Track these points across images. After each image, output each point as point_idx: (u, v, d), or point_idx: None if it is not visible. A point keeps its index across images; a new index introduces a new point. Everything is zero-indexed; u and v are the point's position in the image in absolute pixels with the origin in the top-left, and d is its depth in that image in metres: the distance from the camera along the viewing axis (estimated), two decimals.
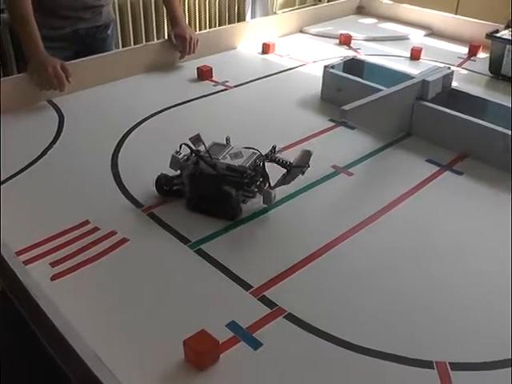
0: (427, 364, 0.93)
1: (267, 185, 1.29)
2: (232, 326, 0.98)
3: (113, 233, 1.21)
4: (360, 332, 0.99)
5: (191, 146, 1.25)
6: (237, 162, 1.24)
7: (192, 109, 1.83)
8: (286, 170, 1.28)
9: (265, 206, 1.30)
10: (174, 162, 1.27)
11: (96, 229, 1.22)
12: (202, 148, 1.25)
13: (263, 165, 1.28)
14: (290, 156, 1.30)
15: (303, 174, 1.29)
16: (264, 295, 1.05)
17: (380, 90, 1.60)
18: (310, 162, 1.29)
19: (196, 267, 1.13)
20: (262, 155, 1.28)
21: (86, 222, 1.24)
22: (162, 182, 1.32)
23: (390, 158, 1.56)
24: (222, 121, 1.74)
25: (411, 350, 0.96)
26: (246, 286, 1.07)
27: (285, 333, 0.98)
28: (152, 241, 1.21)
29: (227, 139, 1.31)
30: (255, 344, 0.95)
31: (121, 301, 1.05)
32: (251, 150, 1.29)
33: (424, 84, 1.64)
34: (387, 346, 0.96)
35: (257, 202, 1.29)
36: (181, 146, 1.27)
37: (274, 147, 1.30)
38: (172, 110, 1.80)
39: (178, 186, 1.31)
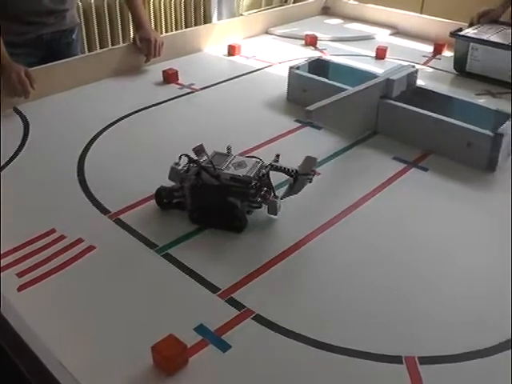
0: (396, 359, 0.94)
1: (272, 194, 1.26)
2: (200, 329, 0.98)
3: (79, 240, 1.20)
4: (328, 330, 1.00)
5: (193, 156, 1.23)
6: (241, 172, 1.21)
7: (158, 113, 1.82)
8: (292, 179, 1.26)
9: (271, 215, 1.28)
10: (174, 174, 1.25)
11: (63, 237, 1.21)
12: (204, 158, 1.23)
13: (268, 174, 1.25)
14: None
15: (311, 181, 1.27)
16: (232, 297, 1.05)
17: (345, 90, 1.61)
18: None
19: (163, 272, 1.12)
20: (266, 164, 1.26)
21: (53, 231, 1.23)
22: (163, 195, 1.28)
23: (357, 156, 1.57)
24: (189, 124, 1.74)
25: (380, 345, 0.97)
26: (213, 288, 1.07)
27: (253, 334, 0.98)
28: (119, 247, 1.20)
29: (228, 148, 1.29)
30: (224, 346, 0.95)
31: (88, 308, 1.04)
32: (254, 158, 1.27)
33: (388, 83, 1.66)
34: (356, 342, 0.97)
35: (260, 211, 1.28)
36: (180, 157, 1.25)
37: (277, 156, 1.28)
38: (138, 115, 1.79)
39: (179, 199, 1.27)
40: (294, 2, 3.72)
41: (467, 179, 1.46)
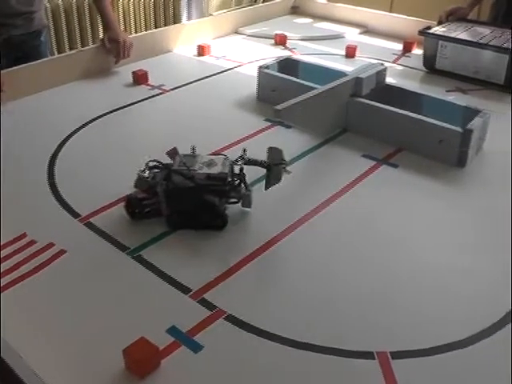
0: (368, 355, 0.95)
1: (245, 188, 1.27)
2: (172, 330, 0.97)
3: (51, 245, 1.19)
4: (300, 328, 1.00)
5: (160, 160, 1.23)
6: (215, 170, 1.21)
7: (128, 114, 1.82)
8: (266, 170, 1.26)
9: (245, 208, 1.29)
10: (141, 182, 1.22)
11: (33, 242, 1.20)
12: (177, 161, 1.23)
13: (241, 169, 1.26)
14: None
15: (286, 170, 1.27)
16: (203, 298, 1.05)
17: (314, 89, 1.61)
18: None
19: (135, 274, 1.12)
20: (235, 160, 1.26)
21: (23, 236, 1.21)
22: (134, 206, 1.25)
23: (327, 154, 1.58)
24: (159, 125, 1.74)
25: (352, 342, 0.97)
26: (185, 289, 1.07)
27: (225, 334, 0.98)
28: (90, 250, 1.19)
29: (193, 149, 1.28)
30: (196, 347, 0.94)
31: (59, 313, 1.03)
32: (220, 156, 1.27)
33: (358, 81, 1.67)
34: (328, 340, 0.97)
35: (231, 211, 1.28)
36: (147, 164, 1.23)
37: (244, 150, 1.28)
38: (108, 117, 1.78)
39: (150, 207, 1.25)
40: (263, 2, 3.72)
41: (438, 175, 1.48)
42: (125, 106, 1.85)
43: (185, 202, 1.22)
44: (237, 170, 1.26)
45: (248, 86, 1.94)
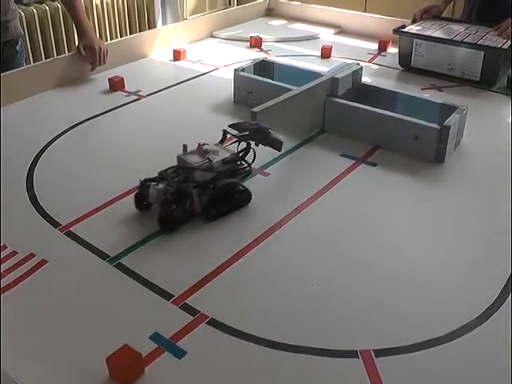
0: (351, 354, 0.95)
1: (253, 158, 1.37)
2: (155, 337, 0.97)
3: (31, 255, 1.18)
4: (284, 330, 1.00)
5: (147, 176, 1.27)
6: (225, 155, 1.30)
7: (105, 121, 1.80)
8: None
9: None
10: (156, 195, 1.23)
11: (14, 253, 1.19)
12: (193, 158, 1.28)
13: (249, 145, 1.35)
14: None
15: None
16: (186, 303, 1.04)
17: (290, 90, 1.62)
18: None
19: (116, 282, 1.11)
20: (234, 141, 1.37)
21: (4, 247, 1.20)
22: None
23: (305, 155, 1.59)
24: (137, 131, 1.74)
25: (335, 341, 0.98)
26: (167, 295, 1.06)
27: (208, 338, 0.98)
28: (71, 260, 1.18)
29: (185, 146, 1.31)
30: (179, 353, 0.94)
31: (42, 324, 1.02)
32: (212, 144, 1.34)
33: (334, 81, 1.67)
34: (312, 340, 0.98)
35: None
36: (144, 182, 1.27)
37: (224, 130, 1.38)
38: (85, 124, 1.76)
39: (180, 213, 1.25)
40: (237, 5, 3.72)
41: (416, 172, 1.49)
42: (102, 114, 1.84)
43: (219, 191, 1.28)
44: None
45: (225, 90, 1.94)
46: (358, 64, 1.79)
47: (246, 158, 1.36)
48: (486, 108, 1.92)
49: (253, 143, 1.37)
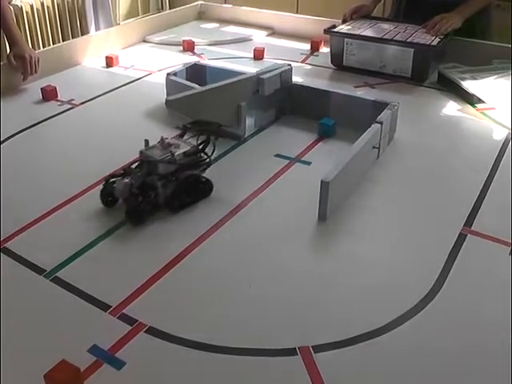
0: (290, 351, 0.96)
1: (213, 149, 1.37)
2: (94, 349, 0.96)
3: None
4: (222, 333, 1.01)
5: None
6: (186, 148, 1.33)
7: (39, 132, 1.77)
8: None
9: None
10: (123, 189, 1.28)
11: None
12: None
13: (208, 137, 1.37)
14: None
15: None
16: (123, 313, 1.04)
17: None
18: None
19: (53, 296, 1.10)
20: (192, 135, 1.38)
21: None
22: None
23: (241, 156, 1.60)
24: (71, 140, 1.71)
25: (273, 340, 0.99)
26: (104, 306, 1.05)
27: (147, 348, 0.97)
28: (6, 277, 1.15)
29: (146, 141, 1.33)
30: (118, 364, 0.93)
31: None
32: (173, 139, 1.36)
33: (259, 81, 1.68)
34: (250, 341, 0.98)
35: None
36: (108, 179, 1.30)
37: (184, 125, 1.41)
38: (19, 136, 1.73)
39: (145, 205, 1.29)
40: (170, 9, 3.71)
41: None
42: (35, 124, 1.81)
43: (181, 183, 1.31)
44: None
45: (157, 95, 1.93)
46: (289, 65, 1.79)
47: (207, 151, 1.38)
48: (417, 103, 1.96)
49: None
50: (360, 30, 2.24)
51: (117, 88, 2.09)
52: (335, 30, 2.27)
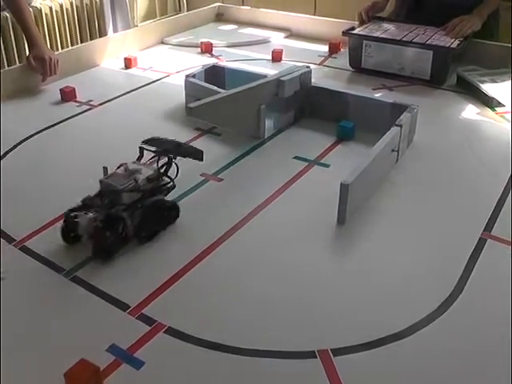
0: (309, 354, 0.96)
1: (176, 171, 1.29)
2: (113, 349, 0.96)
3: None
4: (242, 335, 1.00)
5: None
6: (149, 172, 1.23)
7: (58, 133, 1.78)
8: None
9: None
10: (87, 224, 1.16)
11: None
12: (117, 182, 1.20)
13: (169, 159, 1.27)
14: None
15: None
16: (142, 313, 1.04)
17: None
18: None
19: (72, 296, 1.10)
20: (155, 160, 1.29)
21: None
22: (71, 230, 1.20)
23: (259, 158, 1.60)
24: (90, 141, 1.72)
25: (293, 343, 0.98)
26: (123, 306, 1.06)
27: (166, 348, 0.97)
28: (26, 275, 1.16)
29: (105, 168, 1.22)
30: (137, 364, 0.93)
31: None
32: (133, 163, 1.25)
33: (279, 83, 1.68)
34: (270, 343, 0.98)
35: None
36: (69, 213, 1.20)
37: (141, 147, 1.30)
38: (37, 137, 1.74)
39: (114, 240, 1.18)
40: (187, 10, 3.72)
41: None
42: (54, 125, 1.82)
43: (147, 211, 1.21)
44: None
45: (176, 96, 1.94)
46: (308, 66, 1.79)
47: (170, 174, 1.29)
48: (436, 106, 1.95)
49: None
50: (379, 31, 2.24)
51: (135, 89, 2.10)
52: (354, 31, 2.27)
